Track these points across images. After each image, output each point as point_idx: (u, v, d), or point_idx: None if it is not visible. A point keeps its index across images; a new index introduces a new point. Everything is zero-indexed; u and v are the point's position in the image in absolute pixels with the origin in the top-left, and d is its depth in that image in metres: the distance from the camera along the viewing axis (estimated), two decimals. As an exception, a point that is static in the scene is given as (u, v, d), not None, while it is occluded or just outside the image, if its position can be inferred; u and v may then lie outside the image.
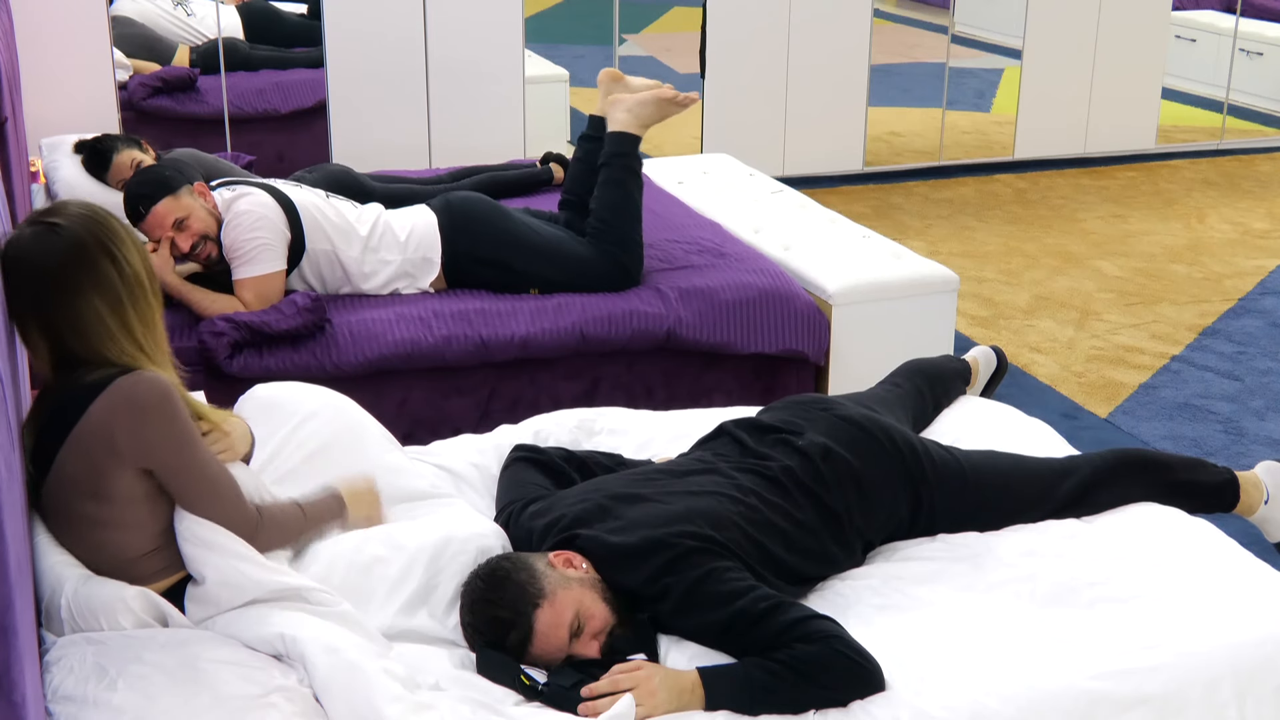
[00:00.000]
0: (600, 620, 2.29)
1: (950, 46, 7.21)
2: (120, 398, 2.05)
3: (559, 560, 2.35)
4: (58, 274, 2.07)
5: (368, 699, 2.01)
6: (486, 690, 2.19)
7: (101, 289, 2.08)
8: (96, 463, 2.06)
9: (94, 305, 2.07)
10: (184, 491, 2.14)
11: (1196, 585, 2.47)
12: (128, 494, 2.10)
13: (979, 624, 2.37)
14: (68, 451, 2.06)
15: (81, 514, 2.11)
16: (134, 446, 2.06)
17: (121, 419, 2.04)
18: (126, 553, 2.14)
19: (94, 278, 2.08)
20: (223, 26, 5.79)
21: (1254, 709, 2.26)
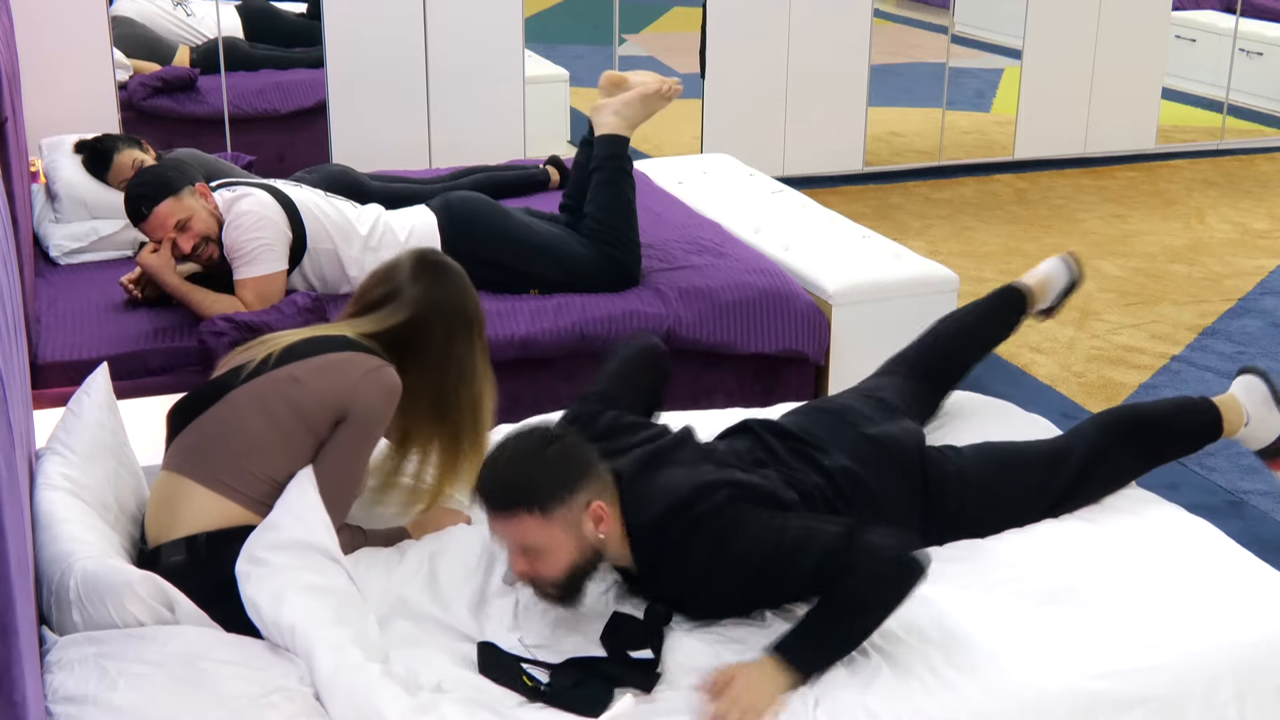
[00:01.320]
0: (556, 569, 2.26)
1: (950, 46, 7.21)
2: (380, 367, 2.42)
3: (593, 509, 2.27)
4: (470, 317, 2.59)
5: (370, 699, 2.01)
6: (488, 691, 2.19)
7: (476, 344, 2.59)
8: (325, 386, 2.37)
9: (469, 347, 2.56)
10: (329, 461, 2.38)
11: (1196, 585, 2.48)
12: (315, 425, 2.38)
13: (979, 623, 2.37)
14: (312, 364, 2.39)
15: (274, 408, 2.37)
16: (355, 402, 2.37)
17: (369, 380, 2.39)
18: (265, 464, 2.36)
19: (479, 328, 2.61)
20: (223, 26, 5.79)
21: (1254, 709, 2.26)
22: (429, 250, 2.66)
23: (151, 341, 3.61)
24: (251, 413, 2.37)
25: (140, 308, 3.78)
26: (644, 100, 4.00)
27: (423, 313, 2.52)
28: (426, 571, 2.42)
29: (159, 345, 3.59)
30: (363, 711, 2.00)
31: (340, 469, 2.40)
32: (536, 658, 2.27)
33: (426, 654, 2.28)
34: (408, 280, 2.54)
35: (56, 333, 3.62)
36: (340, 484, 2.40)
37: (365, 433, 2.41)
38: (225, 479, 2.35)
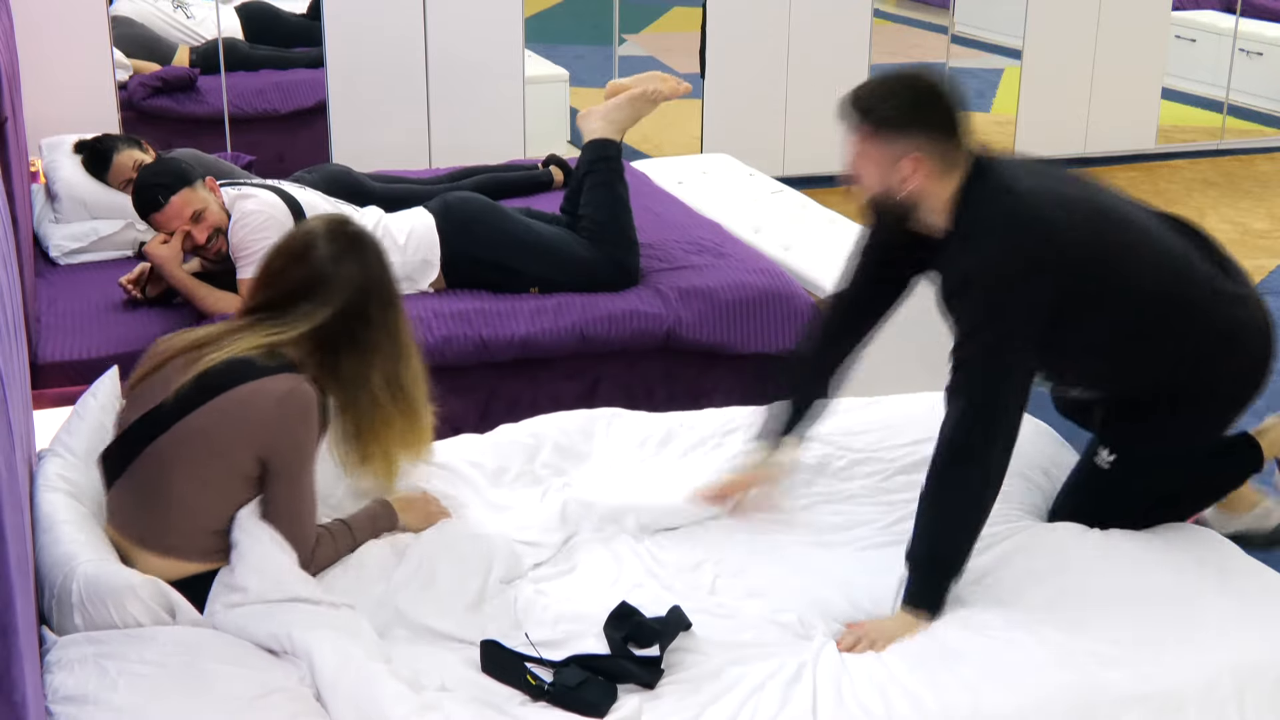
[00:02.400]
0: (864, 190, 2.45)
1: (950, 46, 7.21)
2: (282, 389, 2.22)
3: (909, 159, 2.46)
4: (388, 288, 2.42)
5: (373, 699, 2.01)
6: (492, 690, 2.19)
7: (403, 315, 2.42)
8: (234, 430, 2.21)
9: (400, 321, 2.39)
10: (274, 496, 2.26)
11: (1197, 585, 2.47)
12: (239, 469, 2.23)
13: (979, 623, 2.37)
14: (214, 409, 2.20)
15: (189, 462, 2.22)
16: (268, 436, 2.22)
17: (272, 407, 2.21)
18: (197, 520, 2.24)
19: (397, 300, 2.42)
20: (222, 27, 5.79)
21: (1254, 709, 2.26)
22: (338, 220, 2.44)
23: (151, 342, 3.60)
24: (175, 474, 2.23)
25: (140, 308, 3.78)
26: (631, 103, 4.01)
27: (356, 298, 2.33)
28: (425, 574, 2.42)
29: (159, 345, 3.59)
30: (366, 711, 2.00)
31: (287, 506, 2.27)
32: (540, 655, 2.27)
33: (429, 653, 2.28)
34: (328, 261, 2.32)
35: (56, 333, 3.62)
36: (292, 519, 2.28)
37: (296, 463, 2.27)
38: (167, 542, 2.25)
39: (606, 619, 2.34)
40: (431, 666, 2.22)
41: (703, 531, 2.70)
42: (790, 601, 2.45)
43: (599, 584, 2.50)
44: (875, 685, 2.20)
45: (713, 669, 2.25)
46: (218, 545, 2.25)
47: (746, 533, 2.69)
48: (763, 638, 2.35)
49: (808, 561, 2.59)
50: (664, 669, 2.24)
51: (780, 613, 2.41)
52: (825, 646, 2.33)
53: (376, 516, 2.51)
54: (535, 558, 2.58)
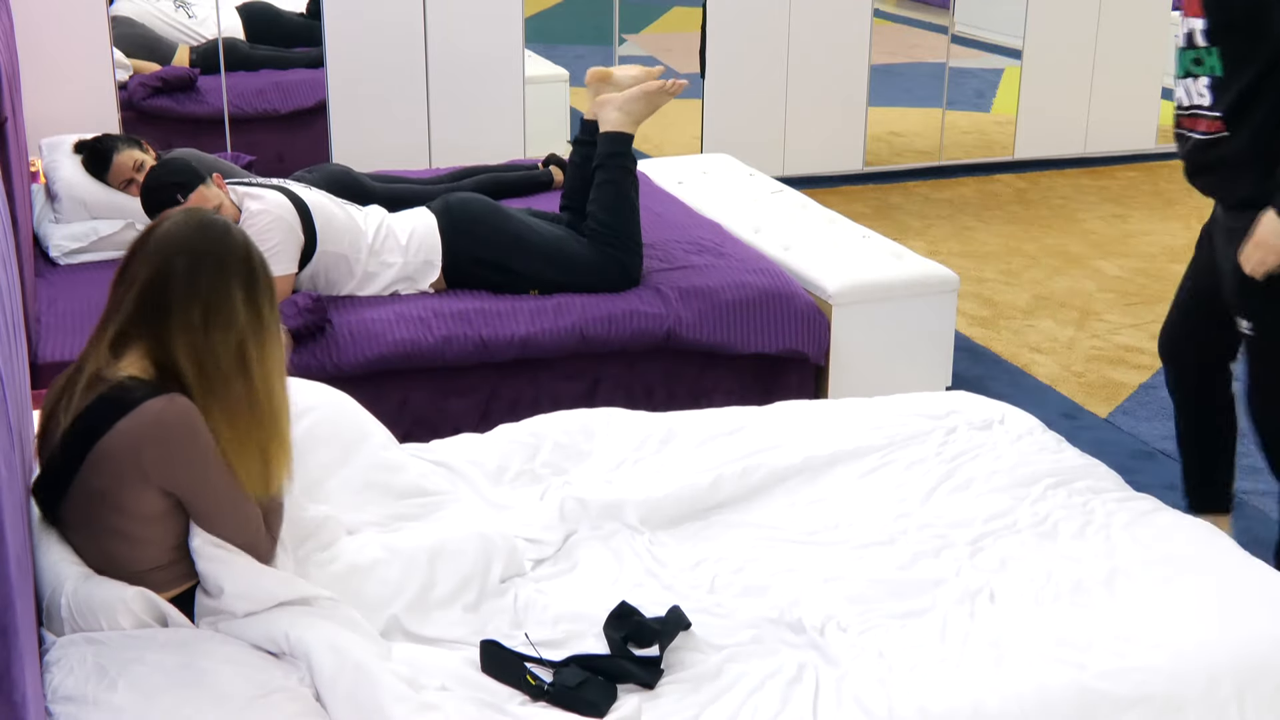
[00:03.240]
0: None
1: (950, 46, 7.21)
2: (150, 419, 2.06)
3: None
4: (220, 255, 2.15)
5: (373, 698, 2.01)
6: (492, 690, 2.18)
7: (253, 297, 2.17)
8: (121, 478, 2.07)
9: (235, 292, 2.14)
10: (204, 514, 2.15)
11: (1196, 585, 2.47)
12: (148, 511, 2.11)
13: (980, 622, 2.37)
14: (97, 464, 2.07)
15: (100, 522, 2.12)
16: (158, 468, 2.08)
17: (148, 440, 2.06)
18: (138, 565, 2.14)
19: (244, 272, 2.17)
20: (223, 27, 5.79)
21: (1254, 708, 2.26)
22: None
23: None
24: (98, 537, 2.13)
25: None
26: (647, 97, 4.01)
27: (165, 263, 2.14)
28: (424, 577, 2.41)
29: (159, 345, 3.59)
30: (365, 710, 2.00)
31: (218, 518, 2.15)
32: (540, 655, 2.27)
33: (429, 653, 2.27)
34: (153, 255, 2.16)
35: (56, 333, 3.62)
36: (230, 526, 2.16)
37: (198, 478, 2.12)
38: (127, 575, 2.14)
39: (606, 619, 2.34)
40: (431, 666, 2.22)
41: (703, 530, 2.70)
42: (790, 600, 2.45)
43: (599, 583, 2.50)
44: (876, 685, 2.20)
45: (712, 668, 2.25)
46: (175, 574, 2.18)
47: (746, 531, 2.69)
48: (762, 637, 2.35)
49: (807, 560, 2.59)
50: (663, 669, 2.24)
51: (780, 612, 2.41)
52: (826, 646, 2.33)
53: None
54: (535, 555, 2.59)
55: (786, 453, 2.91)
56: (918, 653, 2.29)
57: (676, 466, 2.88)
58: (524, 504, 2.74)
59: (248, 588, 2.15)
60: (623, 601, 2.36)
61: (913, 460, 2.93)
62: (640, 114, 4.03)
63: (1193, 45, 3.02)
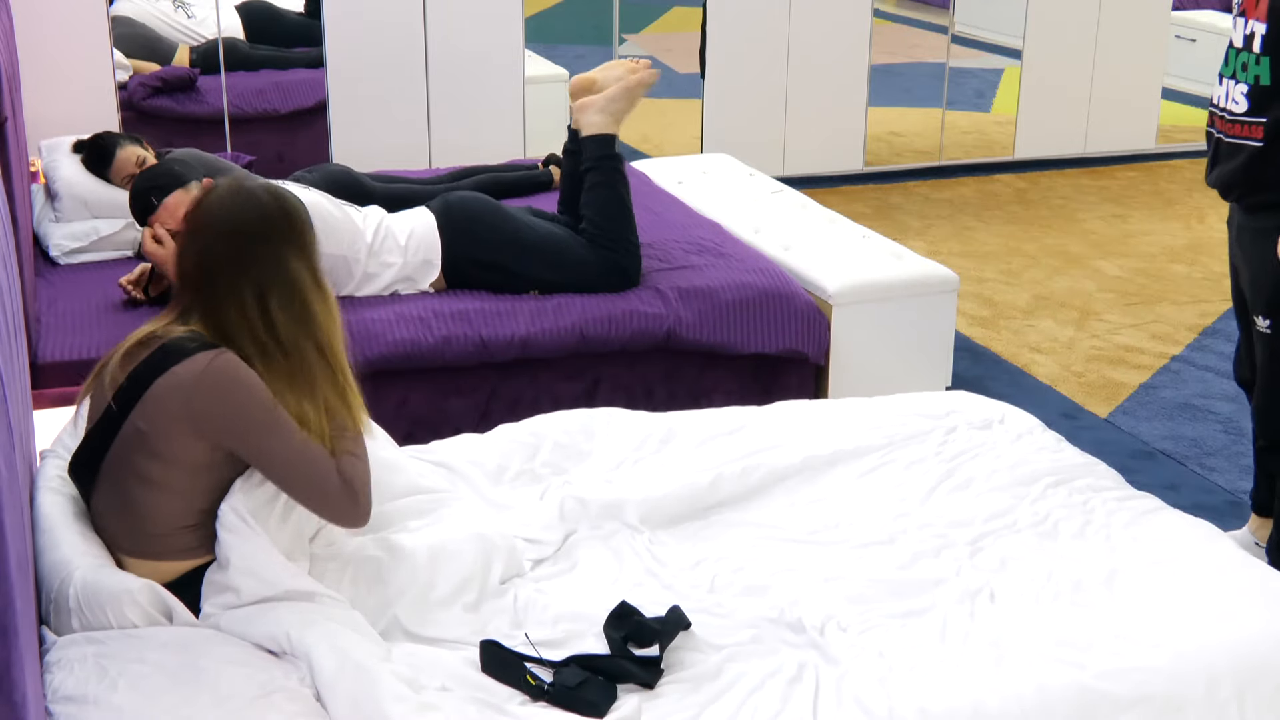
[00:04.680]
0: None
1: (950, 46, 7.21)
2: (200, 368, 2.11)
3: None
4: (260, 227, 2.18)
5: (373, 699, 2.01)
6: (492, 690, 2.18)
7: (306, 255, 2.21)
8: (167, 423, 2.12)
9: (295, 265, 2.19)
10: (267, 465, 2.17)
11: (1196, 585, 2.47)
12: (189, 460, 2.15)
13: (980, 622, 2.37)
14: (143, 408, 2.13)
15: (142, 471, 2.16)
16: (209, 420, 2.12)
17: (200, 390, 2.11)
18: (165, 521, 2.18)
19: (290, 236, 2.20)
20: (223, 26, 5.79)
21: (1254, 709, 2.26)
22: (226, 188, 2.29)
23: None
24: (130, 480, 2.17)
25: (141, 308, 3.78)
26: (627, 93, 4.00)
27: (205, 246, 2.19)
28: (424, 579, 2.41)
29: (159, 345, 3.59)
30: (365, 711, 2.00)
31: (282, 467, 2.16)
32: (540, 655, 2.27)
33: (429, 653, 2.27)
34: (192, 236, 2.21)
35: (56, 333, 3.62)
36: (297, 475, 2.16)
37: (255, 427, 2.13)
38: (145, 548, 2.20)
39: (606, 619, 2.34)
40: (431, 666, 2.22)
41: (702, 529, 2.70)
42: (790, 600, 2.45)
43: (599, 583, 2.50)
44: (876, 685, 2.20)
45: (712, 668, 2.25)
46: (197, 540, 2.21)
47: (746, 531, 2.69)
48: (762, 636, 2.35)
49: (807, 560, 2.59)
50: (663, 669, 2.24)
51: (780, 611, 2.41)
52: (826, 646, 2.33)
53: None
54: (535, 555, 2.59)
55: (786, 452, 2.91)
56: (918, 652, 2.29)
57: (676, 466, 2.88)
58: (524, 504, 2.74)
59: (254, 566, 2.17)
60: (623, 601, 2.36)
61: (912, 460, 2.93)
62: (622, 112, 4.01)
63: (1248, 48, 2.97)
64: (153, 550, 2.20)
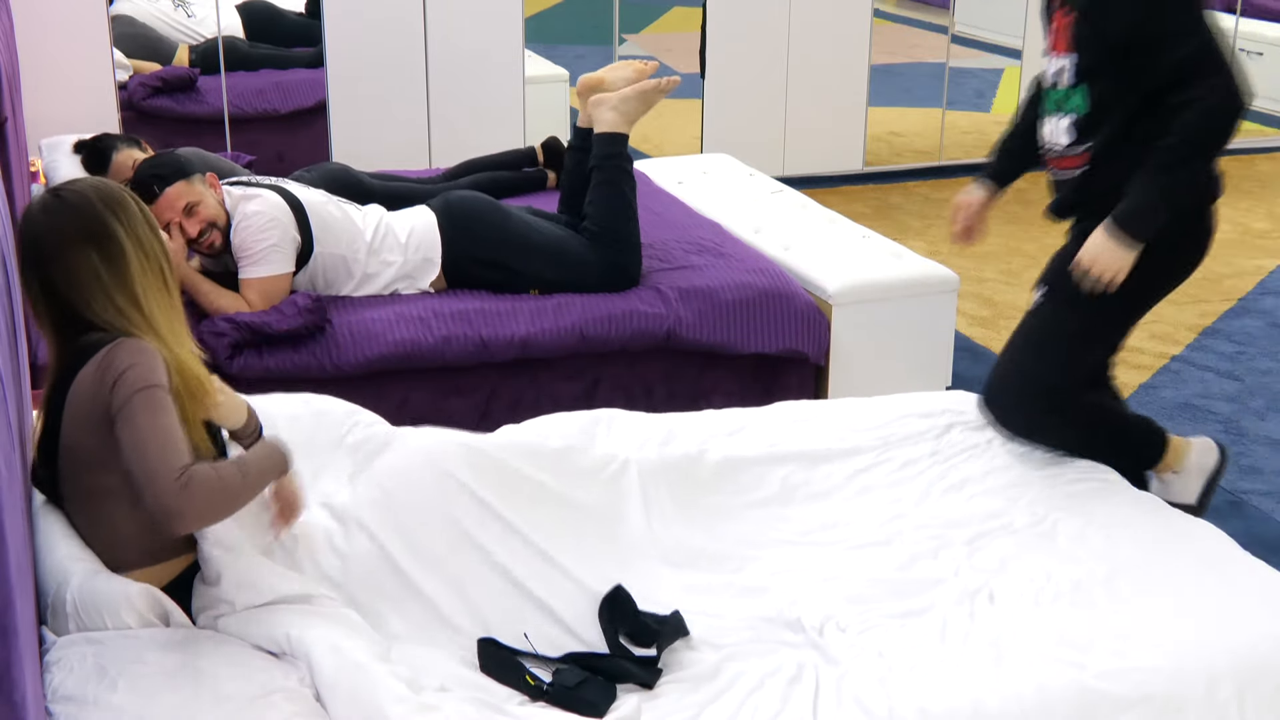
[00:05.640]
0: None
1: (950, 46, 7.21)
2: (99, 365, 2.08)
3: None
4: (61, 230, 2.15)
5: (372, 699, 2.01)
6: (491, 690, 2.19)
7: (100, 244, 2.15)
8: (91, 430, 2.09)
9: (91, 260, 2.14)
10: (128, 447, 2.04)
11: (1197, 585, 2.48)
12: (113, 459, 2.09)
13: (980, 622, 2.37)
14: (67, 423, 2.11)
15: (90, 486, 2.14)
16: (103, 405, 2.07)
17: (101, 384, 2.07)
18: (136, 528, 2.15)
19: (94, 234, 2.15)
20: (223, 26, 5.79)
21: (1254, 709, 2.26)
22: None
23: (151, 341, 3.61)
24: (92, 505, 2.16)
25: (140, 308, 3.78)
26: (641, 95, 4.00)
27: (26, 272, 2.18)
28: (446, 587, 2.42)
29: (159, 345, 3.59)
30: (365, 711, 2.00)
31: (134, 435, 2.03)
32: (538, 651, 2.27)
33: (430, 655, 2.27)
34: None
35: (56, 333, 3.62)
36: (143, 443, 2.02)
37: (137, 397, 2.04)
38: (134, 560, 2.18)
39: (601, 603, 2.34)
40: (431, 666, 2.22)
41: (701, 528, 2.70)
42: (789, 600, 2.45)
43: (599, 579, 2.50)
44: (876, 685, 2.20)
45: (711, 668, 2.25)
46: (182, 543, 2.20)
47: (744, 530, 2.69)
48: (761, 636, 2.35)
49: (806, 560, 2.59)
50: (661, 668, 2.24)
51: (778, 611, 2.41)
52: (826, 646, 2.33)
53: (270, 454, 2.26)
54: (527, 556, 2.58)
55: (786, 452, 2.91)
56: (917, 652, 2.29)
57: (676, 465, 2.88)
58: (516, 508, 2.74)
59: (246, 577, 2.16)
60: (618, 585, 2.36)
61: (912, 460, 2.93)
62: (635, 113, 4.02)
63: (1060, 83, 2.97)
64: (132, 560, 2.17)
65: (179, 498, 1.99)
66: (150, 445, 2.02)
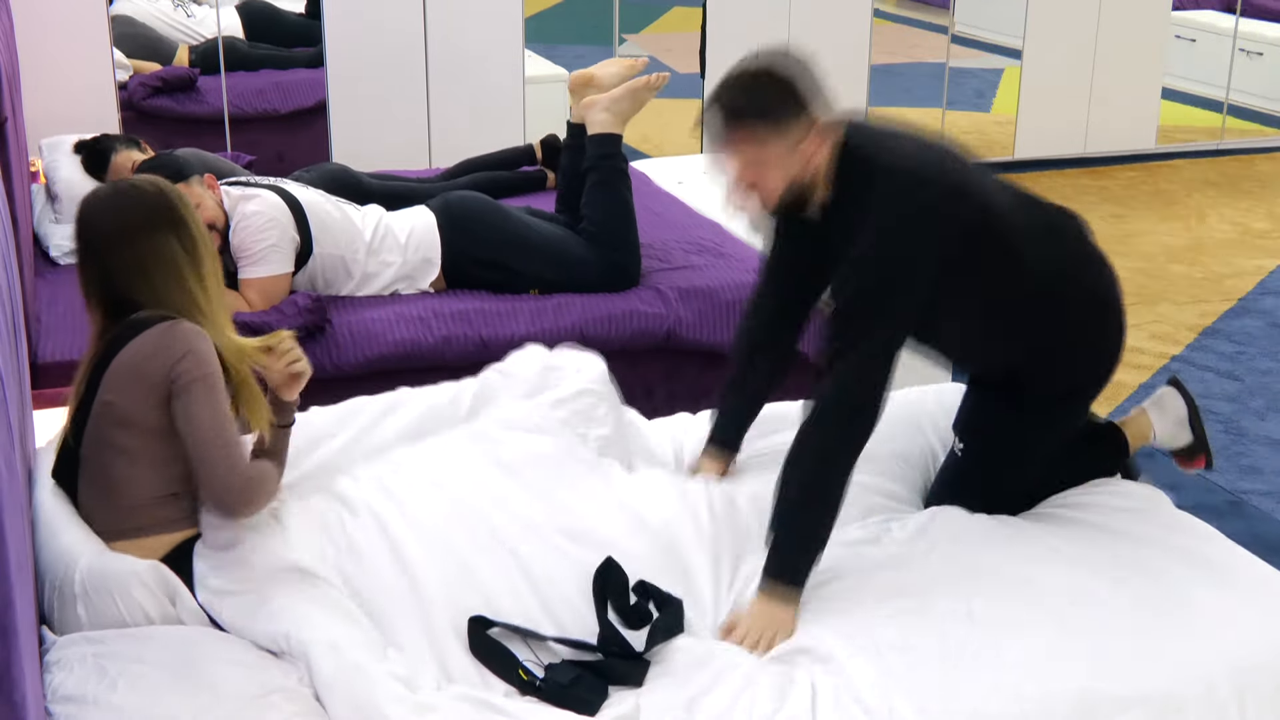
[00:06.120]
0: (773, 186, 2.32)
1: (950, 46, 7.21)
2: (159, 335, 2.21)
3: (817, 133, 2.35)
4: (144, 214, 2.28)
5: (370, 699, 2.01)
6: (488, 688, 2.18)
7: (179, 231, 2.29)
8: (129, 390, 2.20)
9: (172, 244, 2.27)
10: (192, 435, 2.21)
11: (1196, 585, 2.47)
12: (155, 425, 2.21)
13: (978, 623, 2.37)
14: (108, 381, 2.21)
15: (110, 442, 2.22)
16: (163, 375, 2.19)
17: (158, 353, 2.19)
18: (143, 491, 2.22)
19: (175, 221, 2.30)
20: (223, 26, 5.79)
21: (1254, 708, 2.26)
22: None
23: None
24: (104, 457, 2.24)
25: (140, 308, 3.78)
26: (633, 94, 4.01)
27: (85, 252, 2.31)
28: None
29: (159, 345, 3.59)
30: (363, 711, 2.00)
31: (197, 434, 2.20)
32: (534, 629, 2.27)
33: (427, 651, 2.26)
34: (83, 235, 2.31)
35: (56, 333, 3.62)
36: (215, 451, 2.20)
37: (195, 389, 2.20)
38: (128, 525, 2.24)
39: (595, 574, 2.35)
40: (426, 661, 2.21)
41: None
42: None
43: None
44: (875, 685, 2.20)
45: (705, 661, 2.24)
46: (180, 512, 2.25)
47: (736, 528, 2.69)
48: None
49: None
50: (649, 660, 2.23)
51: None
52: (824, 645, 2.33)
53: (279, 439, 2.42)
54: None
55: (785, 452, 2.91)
56: (917, 653, 2.29)
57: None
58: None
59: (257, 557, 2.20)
60: (609, 558, 2.37)
61: (911, 458, 2.92)
62: (628, 112, 4.02)
63: None
64: (136, 526, 2.23)
65: (244, 493, 2.22)
66: (217, 440, 2.20)
